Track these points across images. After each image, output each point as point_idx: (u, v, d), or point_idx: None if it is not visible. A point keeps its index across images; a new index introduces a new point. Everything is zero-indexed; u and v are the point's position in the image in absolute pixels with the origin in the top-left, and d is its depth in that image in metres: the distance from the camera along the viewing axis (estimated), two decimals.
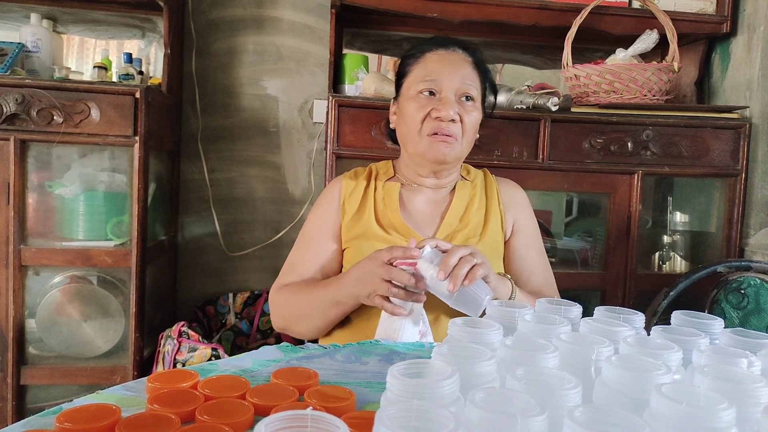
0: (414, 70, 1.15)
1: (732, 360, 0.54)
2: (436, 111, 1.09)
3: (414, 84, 1.13)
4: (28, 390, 1.71)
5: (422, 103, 1.11)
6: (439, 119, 1.09)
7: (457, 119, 1.10)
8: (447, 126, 1.09)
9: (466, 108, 1.11)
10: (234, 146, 2.17)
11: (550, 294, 1.18)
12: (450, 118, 1.09)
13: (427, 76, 1.11)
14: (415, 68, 1.15)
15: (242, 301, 2.10)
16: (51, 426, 0.53)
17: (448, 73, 1.11)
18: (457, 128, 1.10)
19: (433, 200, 1.19)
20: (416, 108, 1.11)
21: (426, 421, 0.39)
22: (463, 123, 1.11)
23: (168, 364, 1.68)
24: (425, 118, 1.10)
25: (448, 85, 1.10)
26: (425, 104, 1.10)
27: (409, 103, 1.13)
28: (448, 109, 1.08)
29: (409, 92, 1.14)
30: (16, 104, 1.58)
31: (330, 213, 1.18)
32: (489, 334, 0.60)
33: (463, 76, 1.12)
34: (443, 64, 1.12)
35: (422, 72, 1.13)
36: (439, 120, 1.09)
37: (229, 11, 2.14)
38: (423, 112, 1.10)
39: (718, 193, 1.88)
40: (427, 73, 1.12)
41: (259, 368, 0.71)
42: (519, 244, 1.20)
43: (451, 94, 1.10)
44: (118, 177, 1.76)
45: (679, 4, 1.92)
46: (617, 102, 1.75)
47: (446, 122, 1.09)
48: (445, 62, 1.13)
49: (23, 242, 1.66)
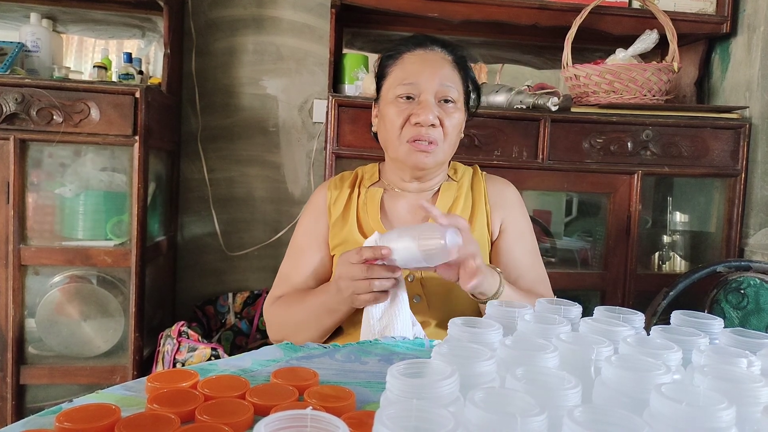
0: (392, 72, 1.12)
1: (732, 360, 0.54)
2: (415, 116, 1.06)
3: (392, 87, 1.10)
4: (27, 389, 1.71)
5: (401, 107, 1.08)
6: (419, 125, 1.06)
7: (438, 123, 1.06)
8: (427, 132, 1.06)
9: (446, 110, 1.08)
10: (234, 146, 2.17)
11: (542, 291, 1.15)
12: (429, 123, 1.05)
13: (405, 79, 1.08)
14: (393, 70, 1.12)
15: (242, 300, 2.10)
16: (50, 426, 0.53)
17: (426, 75, 1.07)
18: (438, 133, 1.07)
19: (416, 205, 1.16)
20: (395, 113, 1.08)
21: (426, 421, 0.39)
22: (444, 127, 1.07)
23: (167, 363, 1.68)
24: (404, 124, 1.07)
25: (427, 88, 1.07)
26: (404, 109, 1.07)
27: (389, 108, 1.10)
28: (427, 114, 1.05)
29: (388, 96, 1.11)
30: (15, 104, 1.58)
31: (317, 221, 1.17)
32: (489, 334, 0.60)
33: (443, 77, 1.08)
34: (422, 66, 1.09)
35: (400, 74, 1.09)
36: (419, 125, 1.06)
37: (228, 11, 2.14)
38: (402, 117, 1.07)
39: (718, 193, 1.89)
40: (405, 75, 1.08)
41: (259, 368, 0.71)
42: (508, 242, 1.17)
43: (431, 96, 1.07)
44: (118, 176, 1.76)
45: (679, 4, 1.92)
46: (617, 102, 1.75)
47: (426, 127, 1.06)
48: (423, 63, 1.09)
49: (23, 242, 1.66)
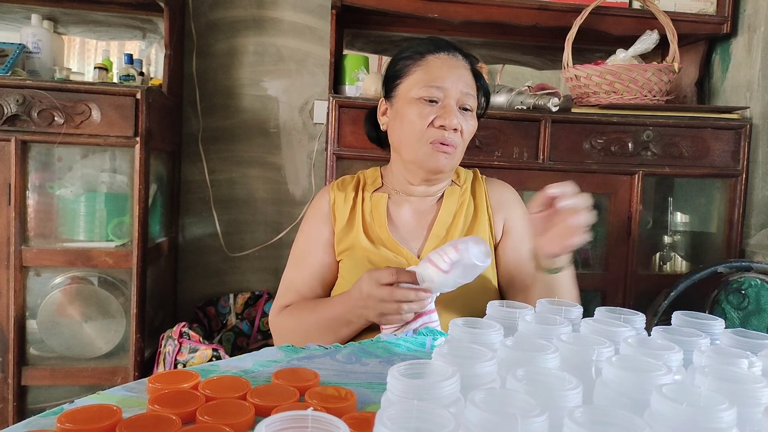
0: (414, 71, 1.11)
1: (733, 360, 0.54)
2: (440, 119, 1.06)
3: (415, 87, 1.09)
4: (29, 391, 1.71)
5: (424, 109, 1.08)
6: (443, 128, 1.07)
7: (459, 128, 1.08)
8: (450, 135, 1.07)
9: (465, 117, 1.10)
10: (234, 147, 2.17)
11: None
12: (454, 127, 1.07)
13: (432, 82, 1.08)
14: (415, 70, 1.11)
15: (243, 301, 2.10)
16: (52, 426, 0.53)
17: (452, 80, 1.08)
18: (458, 137, 1.09)
19: (420, 210, 1.17)
20: (418, 114, 1.08)
21: (426, 422, 0.39)
22: (462, 133, 1.09)
23: (169, 364, 1.68)
24: (428, 126, 1.08)
25: (452, 93, 1.07)
26: (428, 111, 1.08)
27: (410, 108, 1.09)
28: (452, 118, 1.06)
29: (409, 95, 1.10)
30: (17, 105, 1.58)
31: (321, 225, 1.17)
32: (489, 335, 0.60)
33: (465, 84, 1.09)
34: (448, 70, 1.09)
35: (425, 76, 1.09)
36: (443, 129, 1.07)
37: (229, 12, 2.14)
38: (426, 120, 1.07)
39: (719, 194, 1.88)
40: (431, 78, 1.08)
41: (260, 369, 0.71)
42: (515, 240, 1.18)
43: (454, 102, 1.08)
44: (119, 178, 1.76)
45: (679, 5, 1.92)
46: (617, 102, 1.75)
47: (449, 131, 1.07)
48: (449, 68, 1.09)
49: (24, 243, 1.66)
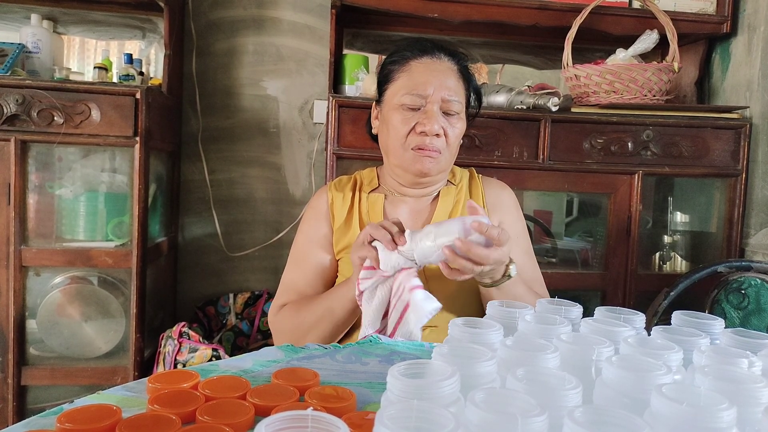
0: (398, 77, 1.12)
1: (732, 360, 0.54)
2: (420, 125, 1.07)
3: (398, 94, 1.10)
4: (28, 390, 1.71)
5: (407, 116, 1.09)
6: (424, 134, 1.07)
7: (442, 133, 1.08)
8: (431, 141, 1.07)
9: (450, 121, 1.10)
10: (234, 147, 2.17)
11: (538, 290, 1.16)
12: (435, 133, 1.07)
13: (413, 89, 1.08)
14: (399, 76, 1.12)
15: (243, 301, 2.10)
16: (52, 426, 0.53)
17: (433, 86, 1.08)
18: (441, 142, 1.09)
19: (417, 210, 1.18)
20: (400, 120, 1.09)
21: (426, 422, 0.39)
22: (447, 137, 1.09)
23: (168, 364, 1.68)
24: (410, 132, 1.09)
25: (433, 99, 1.08)
26: (409, 118, 1.08)
27: (393, 114, 1.11)
28: (433, 124, 1.06)
29: (393, 101, 1.11)
30: (16, 105, 1.58)
31: (320, 224, 1.17)
32: (489, 335, 0.60)
33: (449, 89, 1.09)
34: (429, 75, 1.09)
35: (407, 82, 1.10)
36: (424, 134, 1.07)
37: (229, 12, 2.14)
38: (407, 126, 1.08)
39: (719, 193, 1.88)
40: (413, 85, 1.09)
41: (260, 369, 0.71)
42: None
43: (436, 106, 1.08)
44: (119, 177, 1.76)
45: (679, 4, 1.92)
46: (617, 102, 1.75)
47: (431, 137, 1.07)
48: (431, 73, 1.09)
49: (24, 243, 1.66)
